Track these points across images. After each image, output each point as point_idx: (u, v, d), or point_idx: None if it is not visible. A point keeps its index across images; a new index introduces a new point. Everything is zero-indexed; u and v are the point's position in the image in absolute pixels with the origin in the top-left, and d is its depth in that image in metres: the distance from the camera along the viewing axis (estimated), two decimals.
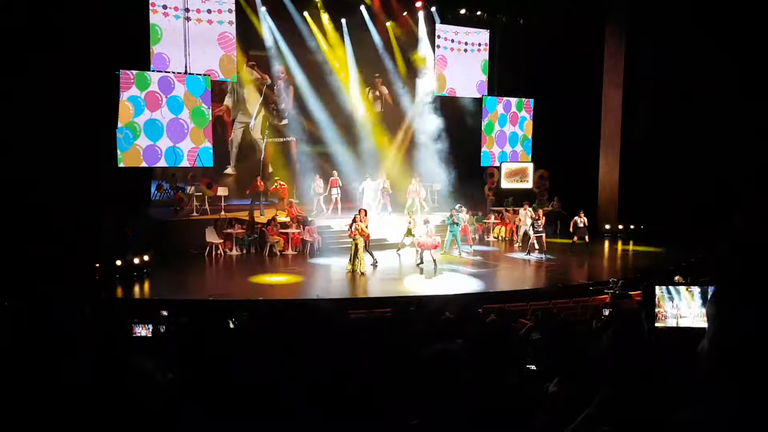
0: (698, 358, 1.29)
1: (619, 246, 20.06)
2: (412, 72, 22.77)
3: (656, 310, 2.99)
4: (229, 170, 21.10)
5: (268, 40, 20.15)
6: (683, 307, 2.96)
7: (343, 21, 21.22)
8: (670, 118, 19.41)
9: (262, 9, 19.66)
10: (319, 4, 20.47)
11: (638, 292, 9.63)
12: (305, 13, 20.49)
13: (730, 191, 16.34)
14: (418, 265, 15.62)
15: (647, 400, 1.81)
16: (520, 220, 19.05)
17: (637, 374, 1.86)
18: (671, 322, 2.98)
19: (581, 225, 17.85)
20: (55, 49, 13.47)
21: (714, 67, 17.67)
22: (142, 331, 5.74)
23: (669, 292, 3.05)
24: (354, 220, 15.00)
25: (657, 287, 3.07)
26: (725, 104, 17.65)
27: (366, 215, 15.54)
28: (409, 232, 16.71)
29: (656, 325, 3.00)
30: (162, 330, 6.31)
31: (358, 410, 2.34)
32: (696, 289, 2.99)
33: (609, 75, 22.10)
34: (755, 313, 1.11)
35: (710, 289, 2.86)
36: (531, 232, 17.54)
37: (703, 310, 2.74)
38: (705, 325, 1.24)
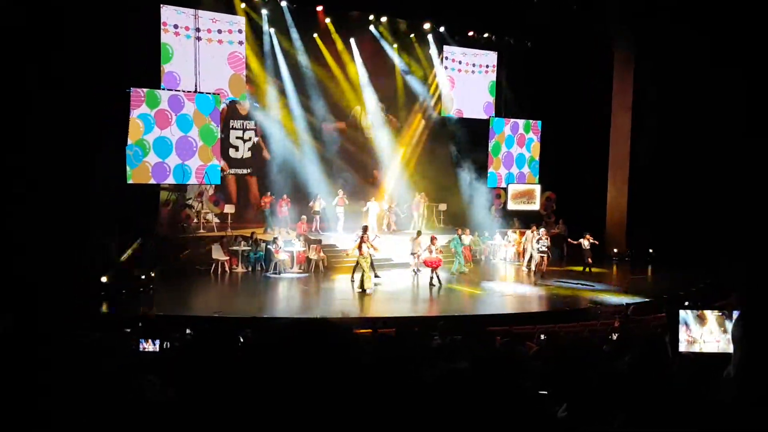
0: (724, 385, 1.24)
1: (629, 270, 19.86)
2: (419, 93, 22.87)
3: (680, 334, 2.92)
4: None
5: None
6: (706, 332, 2.90)
7: (352, 41, 21.31)
8: (679, 141, 19.30)
9: (270, 30, 19.78)
10: (330, 26, 20.59)
11: (659, 315, 9.51)
12: (315, 35, 20.61)
13: (739, 216, 16.26)
14: (430, 284, 15.57)
15: (667, 426, 1.75)
16: (527, 241, 18.79)
17: (657, 400, 1.80)
18: (695, 347, 2.91)
19: (587, 247, 17.73)
20: (67, 66, 13.58)
21: (723, 88, 17.63)
22: (149, 346, 5.71)
23: (692, 316, 2.98)
24: (362, 241, 14.95)
25: (681, 311, 3.00)
26: (734, 127, 17.59)
27: (366, 232, 15.47)
28: (416, 246, 16.66)
29: (680, 350, 2.93)
30: (167, 345, 6.26)
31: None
32: (716, 314, 2.92)
33: (618, 98, 22.09)
34: None
35: (735, 313, 2.81)
36: (535, 254, 17.39)
37: (726, 336, 2.68)
38: (729, 350, 1.19)
